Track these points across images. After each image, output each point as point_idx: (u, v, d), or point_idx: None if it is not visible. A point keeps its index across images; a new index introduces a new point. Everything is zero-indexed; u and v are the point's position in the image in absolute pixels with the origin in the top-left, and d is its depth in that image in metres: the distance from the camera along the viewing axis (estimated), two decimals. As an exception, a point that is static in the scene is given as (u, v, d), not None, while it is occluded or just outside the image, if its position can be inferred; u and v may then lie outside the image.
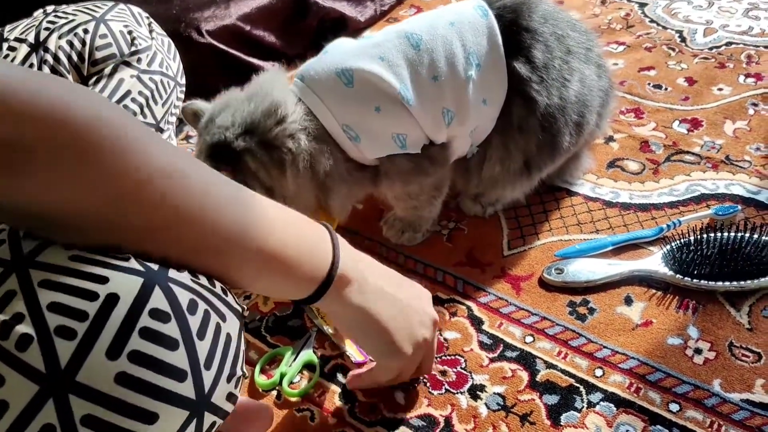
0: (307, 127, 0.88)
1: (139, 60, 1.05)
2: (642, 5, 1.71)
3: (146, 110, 1.04)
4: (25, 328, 0.45)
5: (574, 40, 0.97)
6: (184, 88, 1.16)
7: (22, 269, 0.47)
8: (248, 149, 0.85)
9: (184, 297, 0.49)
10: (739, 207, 1.04)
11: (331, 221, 1.00)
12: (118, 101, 1.01)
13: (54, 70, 1.01)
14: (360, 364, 0.88)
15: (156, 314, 0.47)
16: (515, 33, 0.93)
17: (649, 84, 1.39)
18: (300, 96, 0.90)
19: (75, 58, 1.02)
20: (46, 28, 1.03)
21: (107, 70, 1.03)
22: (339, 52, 0.93)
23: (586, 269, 0.97)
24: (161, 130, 1.08)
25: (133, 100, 1.03)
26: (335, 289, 0.64)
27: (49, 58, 1.01)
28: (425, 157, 0.93)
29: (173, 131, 1.16)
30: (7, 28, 1.06)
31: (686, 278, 0.93)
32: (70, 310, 0.46)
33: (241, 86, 0.95)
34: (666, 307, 0.92)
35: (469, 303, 0.96)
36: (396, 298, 0.71)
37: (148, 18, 1.14)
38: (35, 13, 1.09)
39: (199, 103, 0.94)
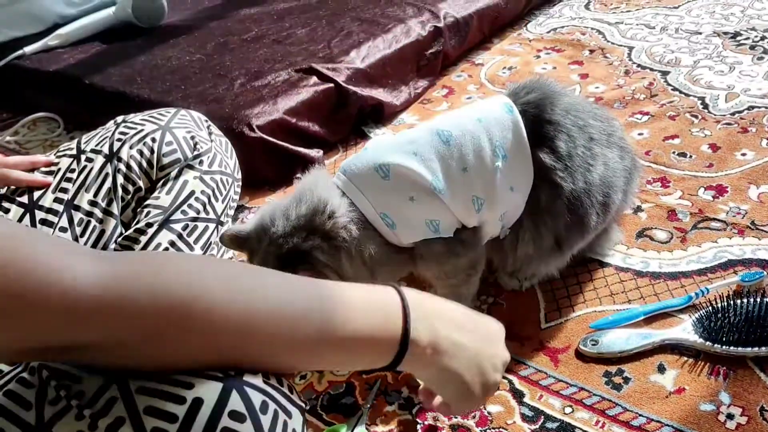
0: (352, 218, 0.98)
1: (200, 162, 1.15)
2: (664, 74, 1.78)
3: (208, 207, 1.14)
4: (126, 429, 0.53)
5: (595, 128, 1.05)
6: (240, 182, 1.27)
7: (122, 380, 0.56)
8: (315, 246, 0.94)
9: (257, 398, 0.57)
10: (765, 272, 1.09)
11: None
12: (184, 201, 1.12)
13: (127, 178, 1.12)
14: None
15: (234, 415, 0.55)
16: (539, 126, 1.01)
17: (673, 152, 1.45)
18: (343, 189, 1.00)
19: (145, 164, 1.13)
20: (119, 139, 1.14)
21: (173, 173, 1.12)
22: (377, 148, 1.03)
23: (620, 340, 1.03)
24: (221, 223, 1.18)
25: (197, 199, 1.13)
26: (410, 355, 0.67)
27: (122, 167, 1.12)
28: (457, 240, 1.01)
29: (230, 223, 1.26)
30: (84, 138, 1.18)
31: (716, 345, 0.98)
32: (163, 413, 0.54)
33: (287, 173, 1.07)
34: (698, 374, 0.97)
35: (510, 377, 1.02)
36: (469, 348, 0.74)
37: (207, 121, 1.25)
38: (108, 124, 1.21)
39: (233, 228, 1.01)
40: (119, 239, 1.09)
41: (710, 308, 1.02)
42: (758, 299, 0.98)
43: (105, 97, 1.79)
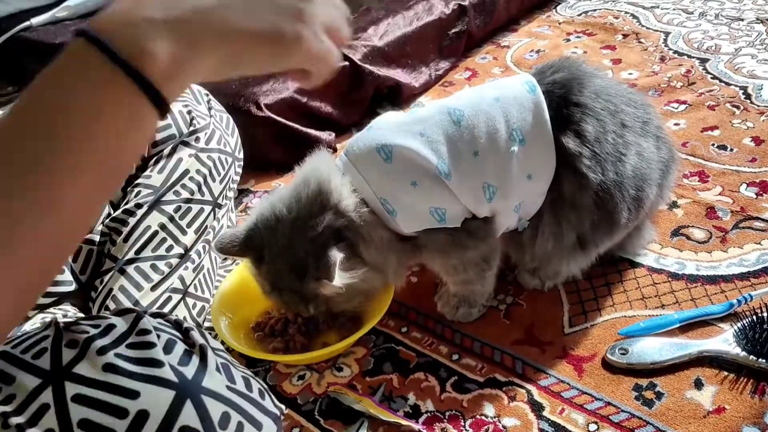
0: (357, 201, 0.90)
1: (197, 139, 1.07)
2: (703, 61, 1.67)
3: (204, 188, 1.06)
4: None
5: (629, 115, 0.95)
6: (241, 162, 1.18)
7: (58, 382, 0.49)
8: (343, 225, 0.89)
9: (216, 410, 0.49)
10: (817, 280, 0.99)
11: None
12: (177, 180, 1.03)
13: None
14: None
15: None
16: (565, 108, 0.92)
17: (713, 145, 1.34)
18: (344, 171, 0.92)
19: None
20: None
21: (166, 151, 1.04)
22: (381, 127, 0.94)
23: (652, 349, 0.93)
24: (219, 206, 1.10)
25: (191, 178, 1.05)
26: (162, 73, 0.46)
27: None
28: (463, 230, 0.92)
29: (232, 205, 1.18)
30: None
31: (761, 360, 0.88)
32: (99, 428, 0.46)
33: (295, 157, 0.98)
34: (740, 392, 0.86)
35: (529, 386, 0.93)
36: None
37: (207, 95, 1.17)
38: None
39: (226, 234, 0.93)
40: (106, 221, 1.01)
41: (754, 317, 0.92)
42: (810, 310, 0.88)
43: (110, 71, 1.69)
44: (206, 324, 1.05)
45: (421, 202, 0.89)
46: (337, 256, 0.84)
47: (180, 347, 0.58)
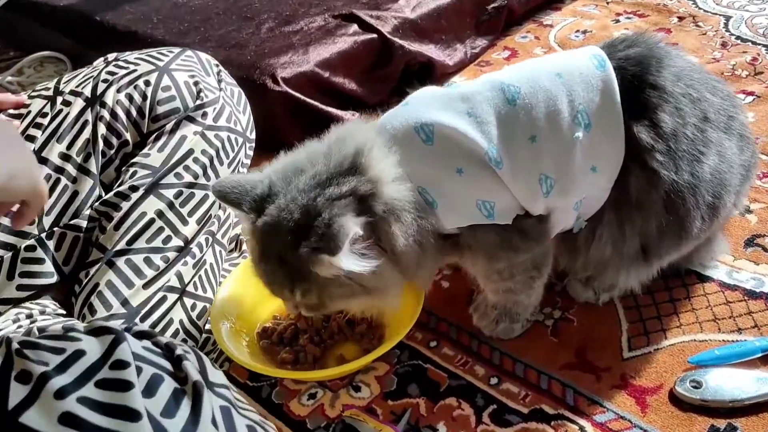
0: (400, 175, 0.76)
1: (204, 115, 0.93)
2: (771, 48, 1.50)
3: (210, 171, 0.93)
4: None
5: (713, 106, 0.81)
6: (253, 144, 1.04)
7: None
8: (373, 194, 0.74)
9: None
10: None
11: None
12: (179, 161, 0.90)
13: (111, 128, 0.90)
14: None
15: None
16: (639, 90, 0.78)
17: (788, 142, 1.18)
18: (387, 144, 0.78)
19: (134, 113, 0.91)
20: (105, 80, 0.93)
21: (169, 127, 0.91)
22: (421, 103, 0.81)
23: (730, 383, 0.79)
24: None
25: (196, 160, 0.91)
26: None
27: (105, 114, 0.90)
28: (516, 230, 0.79)
29: None
30: (65, 77, 0.96)
31: None
32: None
33: (316, 137, 0.82)
34: (842, 443, 0.71)
35: (581, 421, 0.79)
36: None
37: (217, 66, 1.03)
38: (96, 62, 1.00)
39: (234, 177, 0.79)
40: (96, 204, 0.87)
41: None
42: None
43: (116, 37, 1.58)
44: (207, 327, 0.91)
45: (466, 192, 0.77)
46: (351, 227, 0.68)
47: (167, 387, 0.47)
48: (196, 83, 0.95)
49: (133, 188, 0.87)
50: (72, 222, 0.87)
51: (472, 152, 0.76)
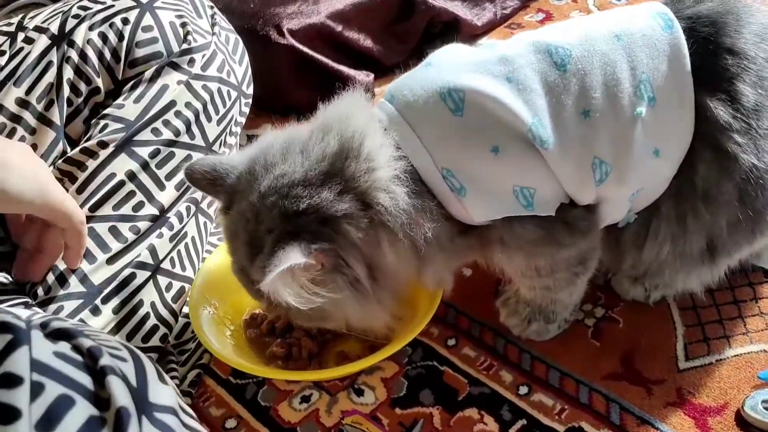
0: (399, 173, 0.62)
1: (191, 61, 0.81)
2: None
3: (194, 128, 0.80)
4: None
5: None
6: (250, 101, 0.91)
7: None
8: (348, 214, 0.61)
9: None
10: None
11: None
12: (158, 115, 0.77)
13: (79, 72, 0.77)
14: None
15: None
16: (713, 56, 0.65)
17: None
18: (387, 126, 0.64)
19: (108, 56, 0.79)
20: (76, 16, 0.80)
21: (148, 74, 0.79)
22: (449, 64, 0.67)
23: (812, 406, 0.65)
24: (215, 154, 0.83)
25: (178, 113, 0.79)
26: None
27: (74, 55, 0.77)
28: (560, 222, 0.66)
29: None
30: (32, 13, 0.83)
31: None
32: None
33: (323, 99, 0.68)
34: None
35: None
36: None
37: (212, 8, 0.89)
38: None
39: (210, 159, 0.68)
40: (59, 161, 0.74)
41: None
42: None
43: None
44: (186, 310, 0.78)
45: (502, 177, 0.64)
46: (291, 258, 0.57)
47: (78, 415, 0.36)
48: (183, 24, 0.82)
49: (102, 144, 0.74)
50: None
51: (512, 127, 0.62)
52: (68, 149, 0.76)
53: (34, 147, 0.75)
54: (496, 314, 0.78)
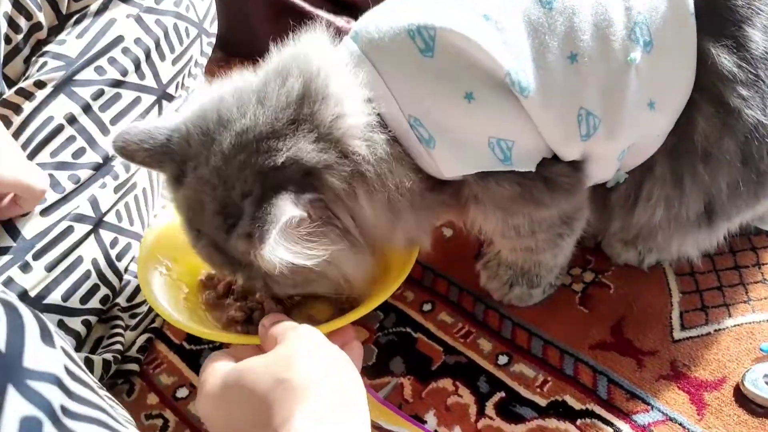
0: (372, 120, 0.56)
1: None
2: None
3: (144, 67, 0.73)
4: None
5: None
6: (213, 40, 0.84)
7: None
8: (329, 164, 0.55)
9: None
10: None
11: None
12: (103, 51, 0.71)
13: (18, 5, 0.70)
14: None
15: None
16: None
17: None
18: (351, 67, 0.58)
19: None
20: None
21: (94, 6, 0.73)
22: None
23: (818, 381, 0.61)
24: (168, 97, 0.77)
25: (126, 50, 0.72)
26: None
27: None
28: (540, 178, 0.60)
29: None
30: None
31: None
32: None
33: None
34: None
35: (618, 423, 0.61)
36: None
37: None
38: None
39: (139, 126, 0.59)
40: (8, 94, 0.69)
41: None
42: None
43: None
44: (134, 269, 0.71)
45: (476, 127, 0.58)
46: (287, 211, 0.51)
47: None
48: None
49: (39, 84, 0.68)
50: None
51: (489, 71, 0.56)
52: (5, 90, 0.69)
53: None
54: (475, 277, 0.73)
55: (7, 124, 0.67)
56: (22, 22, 0.70)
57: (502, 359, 0.66)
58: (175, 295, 0.68)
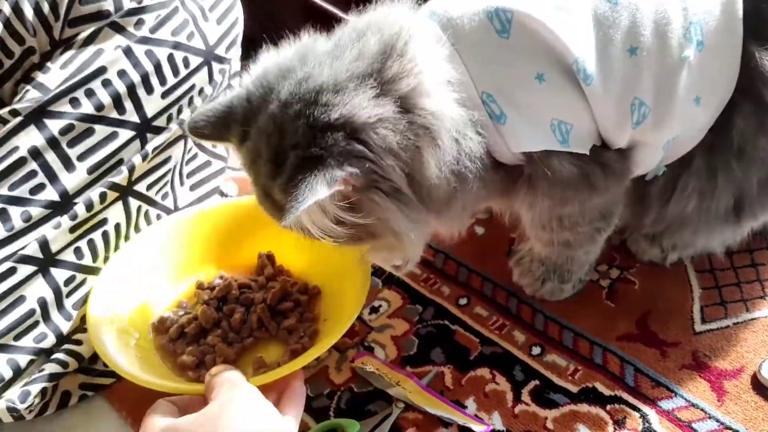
0: (448, 79, 0.57)
1: (139, 23, 0.71)
2: None
3: (126, 102, 0.70)
4: None
5: None
6: (227, 66, 0.80)
7: None
8: (385, 118, 0.54)
9: None
10: None
11: None
12: (81, 83, 0.68)
13: (11, 29, 0.69)
14: None
15: None
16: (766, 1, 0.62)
17: None
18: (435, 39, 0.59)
19: (47, 10, 0.69)
20: None
21: (84, 35, 0.70)
22: None
23: (831, 372, 0.65)
24: (153, 130, 0.72)
25: (107, 83, 0.68)
26: None
27: (6, 9, 0.69)
28: (595, 162, 0.63)
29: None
30: None
31: None
32: None
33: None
34: None
35: (644, 408, 0.65)
36: None
37: None
38: None
39: (206, 107, 0.60)
40: None
41: None
42: None
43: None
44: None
45: (543, 107, 0.60)
46: (316, 193, 0.50)
47: None
48: None
49: (14, 112, 0.66)
50: None
51: (560, 56, 0.59)
52: None
53: None
54: (509, 273, 0.77)
55: None
56: (15, 46, 0.70)
57: (536, 350, 0.71)
58: (126, 343, 0.67)
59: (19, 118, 0.65)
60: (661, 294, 0.75)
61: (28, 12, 0.69)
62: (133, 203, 0.73)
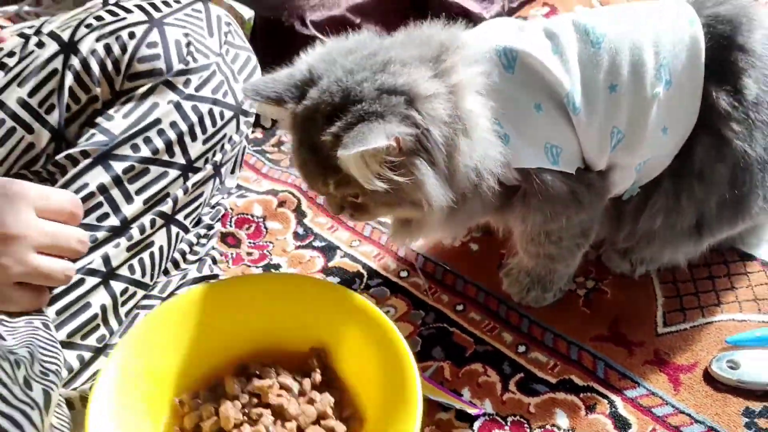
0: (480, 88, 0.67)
1: (187, 82, 0.81)
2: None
3: (176, 147, 0.80)
4: None
5: None
6: (251, 119, 0.90)
7: None
8: (437, 94, 0.63)
9: None
10: None
11: None
12: (141, 131, 0.78)
13: (80, 81, 0.79)
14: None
15: None
16: (726, 51, 0.73)
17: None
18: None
19: (110, 67, 0.80)
20: (88, 25, 0.81)
21: (141, 90, 0.80)
22: (503, 29, 0.75)
23: (769, 366, 0.75)
24: (194, 170, 0.82)
25: (161, 132, 0.79)
26: None
27: (76, 64, 0.79)
28: (582, 182, 0.74)
29: (229, 168, 0.90)
30: (55, 17, 0.85)
31: None
32: None
33: None
34: None
35: (612, 396, 0.76)
36: None
37: (229, 25, 0.90)
38: (89, 3, 0.87)
39: (264, 78, 0.68)
40: (48, 163, 0.80)
41: None
42: None
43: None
44: (132, 310, 0.79)
45: (540, 132, 0.71)
46: (378, 140, 0.57)
47: None
48: (188, 44, 0.82)
49: (84, 153, 0.76)
50: (22, 172, 0.79)
51: (555, 90, 0.71)
52: (65, 147, 0.79)
53: (32, 146, 0.79)
54: (499, 284, 0.88)
55: (53, 182, 0.76)
56: (82, 95, 0.80)
57: (521, 348, 0.82)
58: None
59: (89, 160, 0.76)
60: (629, 302, 0.86)
61: (95, 67, 0.79)
62: (174, 229, 0.83)
